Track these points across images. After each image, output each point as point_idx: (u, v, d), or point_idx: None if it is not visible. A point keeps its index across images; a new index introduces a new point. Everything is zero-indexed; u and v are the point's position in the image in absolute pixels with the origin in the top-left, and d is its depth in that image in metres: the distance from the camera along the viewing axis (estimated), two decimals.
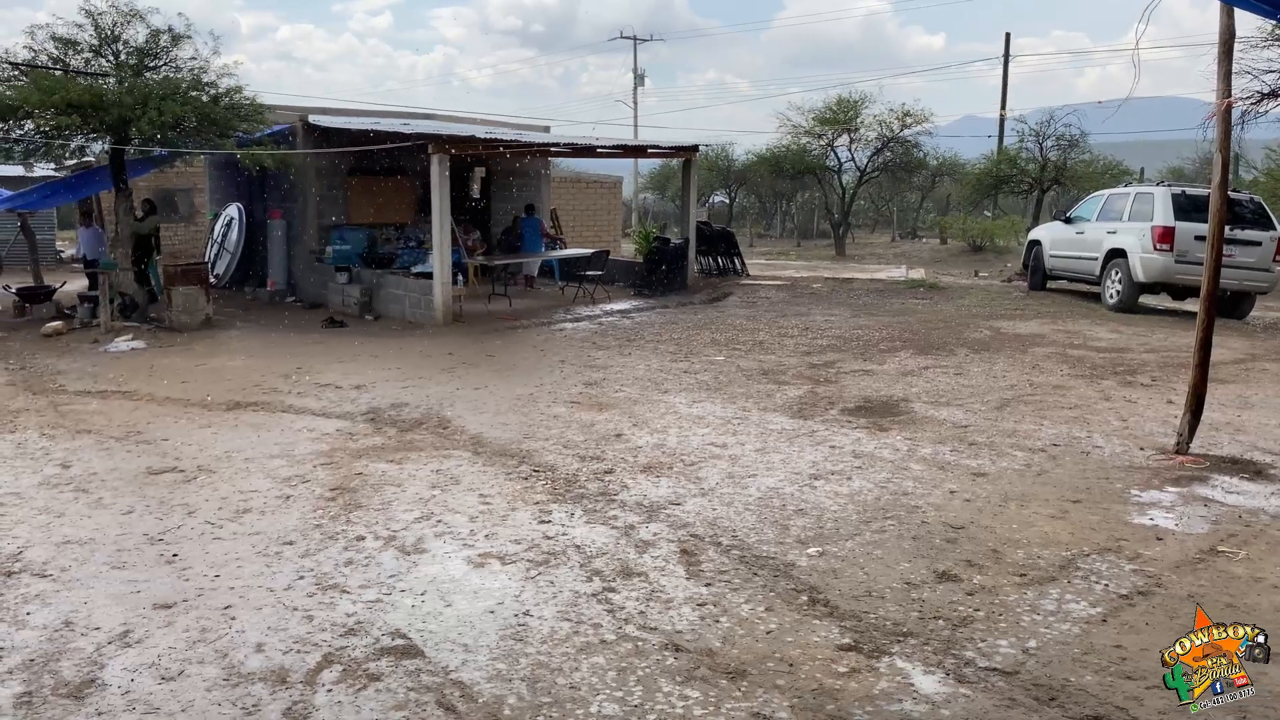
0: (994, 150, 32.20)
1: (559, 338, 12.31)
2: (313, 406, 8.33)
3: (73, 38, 13.01)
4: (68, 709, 3.44)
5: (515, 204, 18.53)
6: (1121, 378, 9.43)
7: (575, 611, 4.25)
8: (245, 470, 6.42)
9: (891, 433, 7.36)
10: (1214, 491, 5.93)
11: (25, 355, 11.07)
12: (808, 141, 31.47)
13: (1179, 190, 14.50)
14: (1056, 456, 6.71)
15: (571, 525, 5.34)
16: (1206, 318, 6.70)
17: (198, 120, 12.94)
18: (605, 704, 3.47)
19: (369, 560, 4.84)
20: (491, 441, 7.12)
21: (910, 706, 3.47)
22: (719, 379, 9.46)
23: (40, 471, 6.43)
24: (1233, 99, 6.50)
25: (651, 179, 44.28)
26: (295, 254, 16.47)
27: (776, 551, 4.94)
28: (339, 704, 3.48)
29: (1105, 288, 15.04)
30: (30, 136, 12.86)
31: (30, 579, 4.61)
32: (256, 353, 11.22)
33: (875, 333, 12.35)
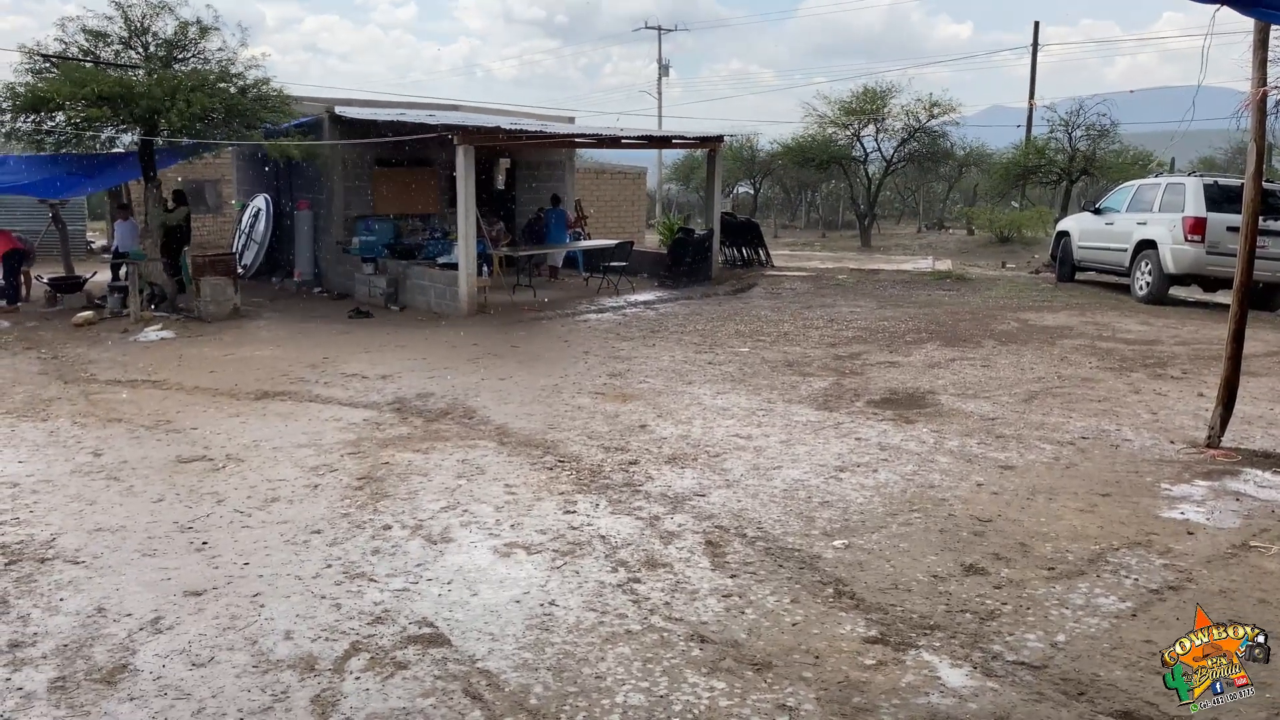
0: (1022, 140, 31.88)
1: (583, 328, 12.32)
2: (340, 396, 8.38)
3: (103, 30, 13.16)
4: (100, 694, 3.49)
5: (540, 195, 18.55)
6: (1151, 370, 9.32)
7: (601, 601, 4.26)
8: (273, 459, 6.47)
9: (918, 425, 7.32)
10: (1246, 486, 5.86)
11: (57, 345, 11.21)
12: (833, 132, 31.25)
13: (1211, 180, 14.30)
14: (1085, 449, 6.65)
15: (596, 516, 5.35)
16: (1239, 310, 6.61)
17: (225, 111, 13.06)
18: (631, 694, 3.48)
19: (396, 549, 4.87)
20: (517, 432, 7.14)
21: (937, 700, 3.45)
22: (744, 370, 9.44)
23: (72, 459, 6.51)
24: (1268, 88, 6.40)
25: (676, 170, 44.15)
26: (322, 244, 16.57)
27: (802, 544, 4.93)
28: (367, 691, 3.50)
29: (1135, 279, 14.87)
30: (61, 128, 13.00)
31: (63, 565, 4.68)
32: (284, 342, 11.30)
33: (901, 324, 12.28)
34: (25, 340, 11.51)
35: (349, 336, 11.74)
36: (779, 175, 40.97)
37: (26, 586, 4.43)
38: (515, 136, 15.15)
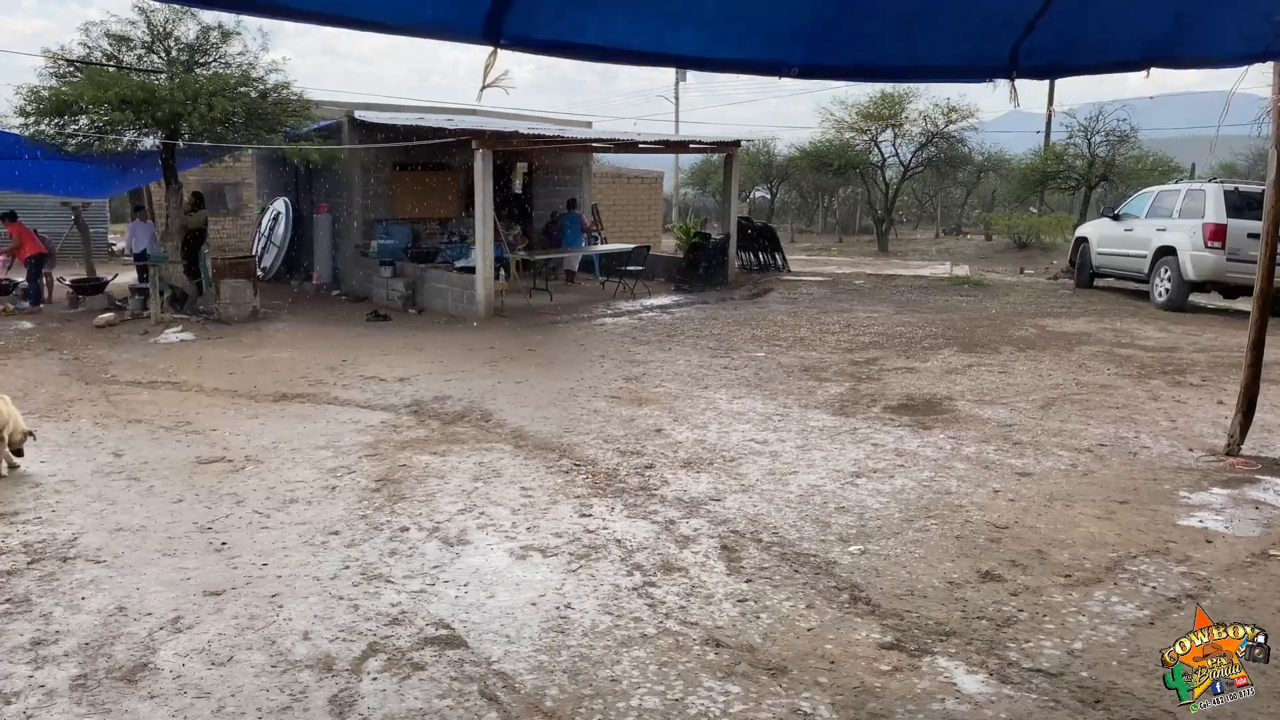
0: (1041, 146, 31.73)
1: (600, 332, 12.34)
2: (358, 398, 8.43)
3: (126, 34, 13.28)
4: (121, 692, 3.53)
5: (557, 199, 18.60)
6: (1170, 377, 9.27)
7: (616, 605, 4.27)
8: (292, 461, 6.52)
9: (935, 431, 7.30)
10: (1265, 494, 5.82)
11: (78, 346, 11.32)
12: (851, 137, 31.20)
13: (1231, 187, 14.21)
14: (1103, 457, 6.62)
15: (612, 519, 5.37)
16: (1259, 317, 6.57)
17: (246, 115, 13.15)
18: (646, 697, 3.49)
19: (413, 551, 4.90)
20: (533, 435, 7.16)
21: (953, 706, 3.45)
22: (760, 375, 9.44)
23: (94, 460, 6.58)
24: None
25: (693, 174, 44.13)
26: (341, 248, 16.66)
27: (818, 549, 4.93)
28: (384, 692, 3.53)
29: (1154, 286, 14.78)
30: (84, 131, 13.13)
31: (85, 565, 4.73)
32: (303, 345, 11.37)
33: (918, 330, 12.25)
34: (47, 341, 11.62)
35: (367, 339, 11.81)
36: (796, 180, 40.91)
37: (49, 585, 4.48)
38: (533, 141, 15.21)
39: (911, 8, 3.37)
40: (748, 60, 3.52)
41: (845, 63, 3.77)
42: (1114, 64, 3.86)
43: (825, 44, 3.47)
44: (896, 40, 3.59)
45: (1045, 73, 4.15)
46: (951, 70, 3.93)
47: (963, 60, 3.77)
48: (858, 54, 3.68)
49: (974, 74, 3.84)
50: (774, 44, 3.41)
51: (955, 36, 3.60)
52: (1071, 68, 3.96)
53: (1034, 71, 3.75)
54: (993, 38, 3.53)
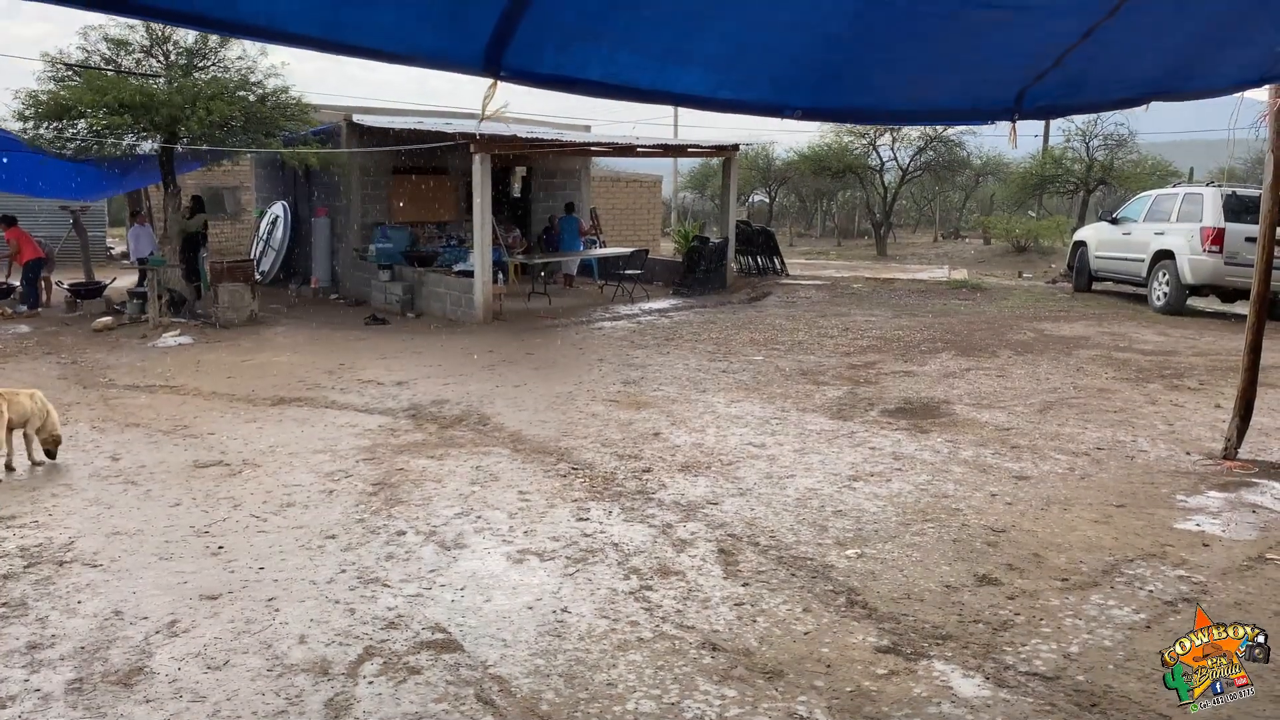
0: (1039, 150, 31.78)
1: (598, 336, 12.35)
2: (355, 402, 8.43)
3: (124, 38, 13.30)
4: (117, 696, 3.53)
5: (556, 203, 18.61)
6: (1168, 381, 9.27)
7: (613, 609, 4.27)
8: (289, 465, 6.52)
9: (932, 435, 7.31)
10: (1262, 498, 5.83)
11: (76, 350, 11.32)
12: (849, 140, 31.24)
13: (1229, 191, 14.23)
14: (1100, 460, 6.63)
15: (609, 523, 5.37)
16: (1257, 321, 6.58)
17: (245, 119, 13.16)
18: (642, 701, 3.49)
19: (410, 555, 4.89)
20: (531, 439, 7.16)
21: (949, 710, 3.45)
22: (757, 379, 9.44)
23: (91, 464, 6.57)
24: None
25: (691, 178, 44.16)
26: (339, 251, 16.67)
27: (815, 552, 4.93)
28: (380, 696, 3.53)
29: (1152, 289, 14.79)
30: (83, 135, 13.13)
31: (81, 568, 4.72)
32: (301, 349, 11.37)
33: (916, 334, 12.25)
34: (45, 345, 11.62)
35: (365, 343, 11.81)
36: (795, 184, 40.95)
37: (45, 589, 4.48)
38: (532, 145, 15.22)
39: (924, 62, 3.36)
40: (752, 102, 3.50)
41: (849, 105, 3.78)
42: (1116, 102, 3.89)
43: (830, 89, 3.47)
44: (903, 87, 3.60)
45: (1048, 113, 4.18)
46: (955, 113, 3.95)
47: (967, 104, 3.78)
48: (862, 98, 3.69)
49: (977, 116, 3.87)
50: (779, 87, 3.39)
51: (964, 84, 3.61)
52: (1074, 107, 3.98)
53: (1037, 112, 3.76)
54: (1001, 84, 3.55)
